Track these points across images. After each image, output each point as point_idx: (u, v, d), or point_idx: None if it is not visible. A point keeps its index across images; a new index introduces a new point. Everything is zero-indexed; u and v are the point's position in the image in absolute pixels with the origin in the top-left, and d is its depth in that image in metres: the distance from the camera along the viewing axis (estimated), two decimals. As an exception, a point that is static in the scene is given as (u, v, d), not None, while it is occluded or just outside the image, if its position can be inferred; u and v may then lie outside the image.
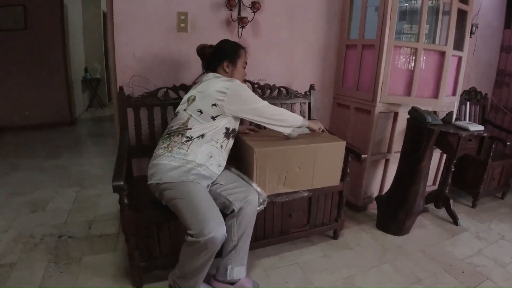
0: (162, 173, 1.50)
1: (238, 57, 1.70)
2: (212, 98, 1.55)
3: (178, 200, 1.46)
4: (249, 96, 1.63)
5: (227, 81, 1.59)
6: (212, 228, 1.35)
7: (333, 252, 2.06)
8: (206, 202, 1.46)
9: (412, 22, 3.02)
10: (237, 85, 1.59)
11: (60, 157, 3.53)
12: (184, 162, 1.51)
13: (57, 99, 4.68)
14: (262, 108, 1.64)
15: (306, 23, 2.39)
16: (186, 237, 1.39)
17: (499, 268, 2.00)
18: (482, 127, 2.27)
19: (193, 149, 1.54)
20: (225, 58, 1.67)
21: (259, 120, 1.66)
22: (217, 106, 1.56)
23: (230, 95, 1.55)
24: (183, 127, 1.56)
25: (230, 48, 1.70)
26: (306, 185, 1.85)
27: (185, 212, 1.42)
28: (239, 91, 1.59)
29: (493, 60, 3.43)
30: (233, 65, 1.69)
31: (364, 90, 2.35)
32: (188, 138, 1.55)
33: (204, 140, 1.56)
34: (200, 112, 1.56)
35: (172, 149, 1.53)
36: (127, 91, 1.95)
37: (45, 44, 4.42)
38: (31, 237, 2.04)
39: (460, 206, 2.79)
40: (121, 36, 1.92)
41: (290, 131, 1.74)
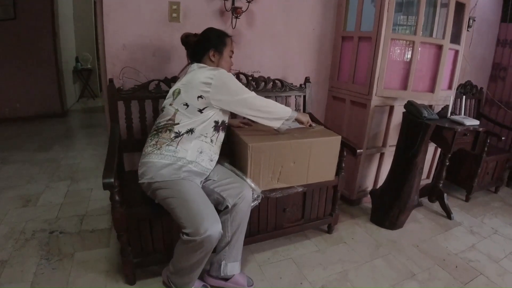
0: (153, 172, 1.46)
1: (224, 45, 1.63)
2: (197, 90, 1.49)
3: (171, 199, 1.43)
4: (235, 86, 1.56)
5: (212, 70, 1.53)
6: (207, 226, 1.33)
7: (327, 247, 2.05)
8: (200, 200, 1.43)
9: (408, 14, 2.97)
10: (223, 74, 1.53)
11: (51, 149, 3.47)
12: (175, 160, 1.48)
13: (47, 90, 4.57)
14: (249, 99, 1.58)
15: (302, 14, 2.34)
16: (182, 235, 1.37)
17: (493, 263, 2.01)
18: (478, 122, 2.26)
19: (183, 145, 1.50)
20: (210, 46, 1.60)
21: (246, 113, 1.59)
22: (203, 98, 1.49)
23: (215, 85, 1.49)
24: (170, 122, 1.51)
25: (215, 37, 1.63)
26: (301, 180, 1.82)
27: (179, 211, 1.39)
28: (224, 81, 1.52)
29: (488, 54, 3.41)
30: (219, 54, 1.62)
31: (360, 83, 2.32)
32: (177, 134, 1.50)
33: (194, 136, 1.52)
34: (186, 105, 1.50)
35: (161, 147, 1.49)
36: (117, 83, 1.90)
37: (35, 34, 4.30)
38: (22, 233, 2.01)
39: (453, 200, 2.80)
40: (110, 27, 1.86)
41: (280, 124, 1.68)
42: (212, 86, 1.48)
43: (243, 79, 2.11)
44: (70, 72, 5.41)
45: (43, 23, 4.32)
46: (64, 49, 4.91)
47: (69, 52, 5.38)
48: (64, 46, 4.92)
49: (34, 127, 4.26)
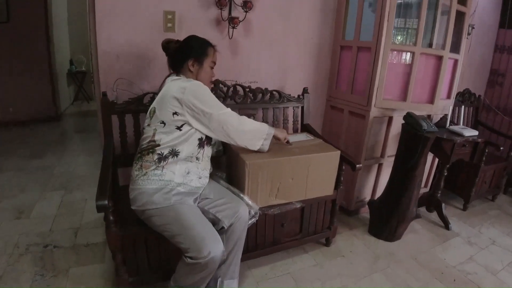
0: (143, 199, 1.41)
1: (206, 55, 1.53)
2: (170, 106, 1.40)
3: (168, 226, 1.39)
4: (209, 101, 1.44)
5: (184, 82, 1.44)
6: (210, 247, 1.31)
7: (326, 261, 2.03)
8: (197, 222, 1.39)
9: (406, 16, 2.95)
10: (195, 86, 1.42)
11: (44, 156, 3.41)
12: (162, 184, 1.42)
13: (41, 94, 4.49)
14: (224, 116, 1.47)
15: (300, 23, 2.31)
16: (185, 258, 1.34)
17: (490, 275, 2.00)
18: (476, 132, 2.25)
19: (169, 168, 1.43)
20: (190, 55, 1.51)
21: (220, 134, 1.49)
22: (179, 115, 1.41)
23: (187, 99, 1.39)
24: (152, 144, 1.44)
25: (197, 45, 1.53)
26: (299, 196, 1.80)
27: (179, 237, 1.36)
28: (196, 95, 1.41)
29: (486, 60, 3.40)
30: (199, 64, 1.52)
31: (358, 93, 2.29)
32: (160, 155, 1.43)
33: (179, 158, 1.45)
34: (163, 123, 1.43)
35: (147, 171, 1.43)
36: (111, 95, 1.85)
37: (28, 37, 4.22)
38: (16, 247, 1.96)
39: (451, 209, 2.79)
40: (103, 37, 1.81)
41: (260, 145, 1.60)
42: (183, 101, 1.39)
43: (240, 91, 2.08)
44: (64, 75, 5.33)
45: (36, 26, 4.24)
46: (58, 51, 4.83)
47: (63, 55, 5.30)
48: (58, 49, 4.84)
49: (27, 132, 4.19)
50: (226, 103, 2.03)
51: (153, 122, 1.46)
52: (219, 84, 2.00)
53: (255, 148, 1.60)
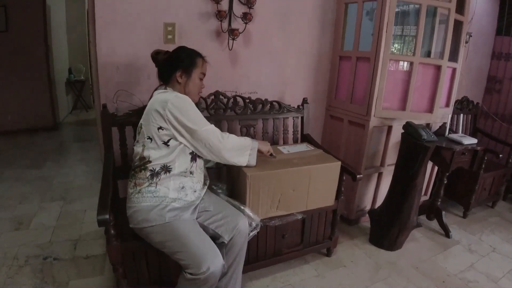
0: (139, 217, 1.40)
1: (194, 66, 1.50)
2: (154, 120, 1.38)
3: (166, 243, 1.38)
4: (192, 116, 1.40)
5: (167, 94, 1.41)
6: (209, 263, 1.30)
7: (327, 271, 2.02)
8: (195, 237, 1.38)
9: (403, 24, 2.97)
10: (178, 99, 1.39)
11: (43, 166, 3.40)
12: (157, 200, 1.39)
13: (40, 103, 4.49)
14: (206, 133, 1.43)
15: (299, 33, 2.32)
16: (184, 273, 1.34)
17: (491, 283, 2.00)
18: (476, 140, 2.26)
19: (163, 184, 1.41)
20: (179, 66, 1.47)
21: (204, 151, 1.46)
22: (164, 129, 1.39)
23: (169, 113, 1.36)
24: (143, 161, 1.42)
25: (185, 56, 1.50)
26: (300, 207, 1.80)
27: (178, 254, 1.35)
28: (179, 108, 1.37)
29: (484, 67, 3.43)
30: (187, 76, 1.48)
31: (358, 103, 2.30)
32: (152, 172, 1.41)
33: (172, 174, 1.43)
34: (150, 139, 1.41)
35: (140, 189, 1.41)
36: (111, 107, 1.85)
37: (27, 46, 4.22)
38: (16, 259, 1.95)
39: (451, 217, 2.79)
40: (103, 49, 1.81)
41: (246, 160, 1.58)
42: (165, 115, 1.36)
43: (240, 102, 2.08)
44: (63, 84, 5.32)
45: (35, 35, 4.24)
46: (57, 60, 4.84)
47: (62, 63, 5.30)
48: (57, 58, 4.85)
49: (25, 141, 4.18)
50: (226, 114, 2.04)
51: (140, 138, 1.45)
52: (219, 95, 2.01)
53: (243, 164, 1.58)
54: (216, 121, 2.01)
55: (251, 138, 1.72)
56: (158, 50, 1.55)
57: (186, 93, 1.49)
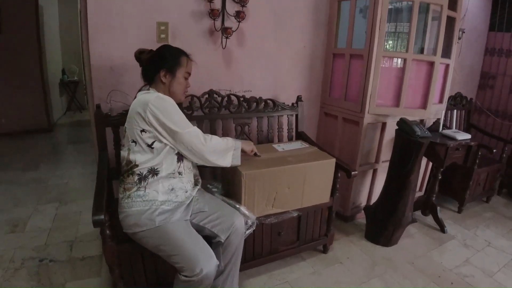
0: (129, 222, 1.38)
1: (179, 65, 1.45)
2: (136, 123, 1.36)
3: (160, 247, 1.38)
4: (174, 117, 1.37)
5: (148, 95, 1.37)
6: (202, 265, 1.30)
7: (323, 268, 2.03)
8: (187, 239, 1.37)
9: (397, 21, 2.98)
10: (160, 99, 1.35)
11: (38, 168, 3.37)
12: (147, 205, 1.38)
13: (33, 104, 4.45)
14: (188, 135, 1.39)
15: (293, 31, 2.32)
16: (179, 275, 1.34)
17: (487, 277, 2.02)
18: (469, 136, 2.27)
19: (151, 187, 1.40)
20: (162, 66, 1.43)
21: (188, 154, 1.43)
22: (146, 132, 1.36)
23: (151, 115, 1.33)
24: (130, 165, 1.40)
25: (169, 55, 1.46)
26: (296, 204, 1.80)
27: (172, 257, 1.35)
28: (161, 109, 1.34)
29: (477, 63, 3.45)
30: (171, 75, 1.44)
31: (352, 100, 2.31)
32: (140, 176, 1.39)
33: (160, 177, 1.41)
34: (134, 142, 1.39)
35: (129, 193, 1.39)
36: (105, 107, 1.84)
37: (20, 48, 4.19)
38: (12, 262, 1.94)
39: (446, 212, 2.81)
40: (96, 50, 1.80)
41: (230, 161, 1.55)
42: (146, 117, 1.33)
43: (234, 101, 2.08)
44: (57, 85, 5.28)
45: (28, 37, 4.20)
46: (50, 61, 4.80)
47: (55, 65, 5.26)
48: (50, 59, 4.81)
49: (20, 143, 4.14)
50: (221, 113, 2.03)
51: (125, 142, 1.43)
52: (213, 94, 2.01)
53: (227, 165, 1.55)
54: (211, 120, 2.01)
55: (235, 138, 1.70)
56: (141, 49, 1.50)
57: (170, 93, 1.46)
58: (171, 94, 1.46)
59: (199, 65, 2.04)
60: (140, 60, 1.50)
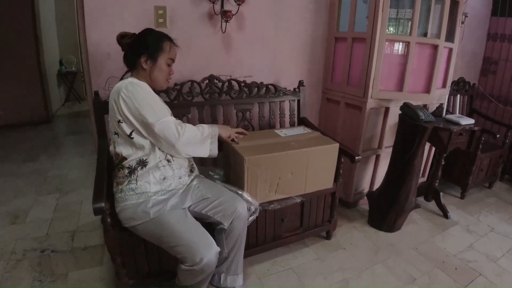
0: (126, 216, 1.36)
1: (161, 51, 1.37)
2: (112, 114, 1.31)
3: (159, 239, 1.36)
4: (147, 106, 1.28)
5: (122, 83, 1.32)
6: (203, 254, 1.28)
7: (327, 254, 2.02)
8: (185, 229, 1.34)
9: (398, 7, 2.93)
10: (132, 86, 1.29)
11: (37, 159, 3.35)
12: (140, 197, 1.35)
13: (31, 96, 4.39)
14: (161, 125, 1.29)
15: (293, 15, 2.27)
16: (181, 264, 1.33)
17: (491, 262, 2.01)
18: (473, 121, 2.25)
19: (142, 179, 1.36)
20: (143, 51, 1.35)
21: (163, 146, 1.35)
22: (123, 122, 1.30)
23: (123, 103, 1.27)
24: (118, 158, 1.37)
25: (151, 39, 1.37)
26: (299, 190, 1.78)
27: (173, 248, 1.33)
28: (132, 97, 1.27)
29: (479, 48, 3.40)
30: (152, 61, 1.37)
31: (354, 85, 2.27)
32: (129, 168, 1.36)
33: (148, 168, 1.37)
34: (116, 134, 1.35)
35: (122, 188, 1.37)
36: (103, 95, 1.80)
37: (16, 38, 4.11)
38: (13, 253, 1.92)
39: (449, 198, 2.80)
40: (93, 36, 1.76)
41: (208, 151, 1.46)
42: (120, 105, 1.27)
43: (235, 86, 2.05)
44: (54, 76, 5.22)
45: (24, 27, 4.12)
46: (47, 52, 4.73)
47: (53, 55, 5.18)
48: (47, 49, 4.74)
49: (19, 135, 4.11)
50: (221, 99, 2.00)
51: (110, 135, 1.40)
52: (213, 79, 1.97)
53: (205, 155, 1.46)
54: (211, 106, 1.98)
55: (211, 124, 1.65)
56: (123, 33, 1.41)
57: (152, 81, 1.40)
58: (152, 82, 1.40)
59: (198, 50, 2.03)
60: (121, 45, 1.42)
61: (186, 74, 1.99)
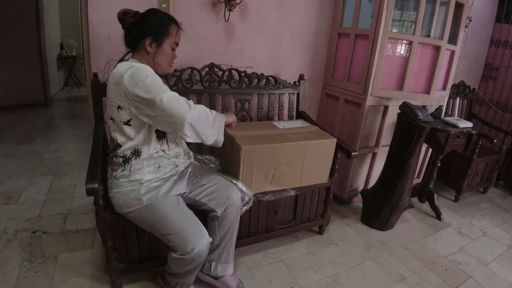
0: (118, 202, 1.34)
1: (167, 34, 1.30)
2: (113, 98, 1.24)
3: (152, 226, 1.35)
4: (149, 84, 1.18)
5: (123, 66, 1.23)
6: (194, 243, 1.27)
7: (318, 249, 2.02)
8: (177, 217, 1.32)
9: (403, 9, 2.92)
10: (135, 69, 1.20)
11: (33, 142, 3.33)
12: (133, 185, 1.33)
13: (30, 78, 4.38)
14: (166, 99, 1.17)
15: (297, 8, 2.26)
16: (171, 252, 1.33)
17: (481, 266, 2.01)
18: (471, 124, 2.24)
19: (136, 167, 1.34)
20: (148, 33, 1.27)
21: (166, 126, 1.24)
22: (123, 109, 1.23)
23: (126, 87, 1.18)
24: (114, 145, 1.33)
25: (157, 21, 1.28)
26: (294, 183, 1.78)
27: (165, 236, 1.33)
28: (135, 77, 1.18)
29: (481, 53, 3.40)
30: (157, 44, 1.29)
31: (355, 81, 2.26)
32: (124, 157, 1.32)
33: (143, 158, 1.33)
34: (112, 120, 1.29)
35: (115, 174, 1.34)
36: (102, 78, 1.79)
37: (18, 20, 4.09)
38: (4, 233, 1.92)
39: (442, 200, 2.81)
40: (94, 17, 1.74)
41: (215, 137, 1.34)
42: (122, 91, 1.19)
43: (235, 76, 2.03)
44: (54, 59, 5.19)
45: (26, 9, 4.10)
46: (48, 35, 4.71)
47: (54, 39, 5.15)
48: (48, 33, 4.71)
49: (16, 117, 4.08)
50: (221, 88, 1.99)
51: (107, 119, 1.35)
52: (213, 68, 1.96)
53: (211, 140, 1.33)
54: (210, 95, 1.97)
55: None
56: (126, 10, 1.30)
57: (155, 64, 1.33)
58: (155, 65, 1.33)
59: (200, 37, 2.02)
60: (123, 22, 1.31)
61: (186, 61, 1.97)
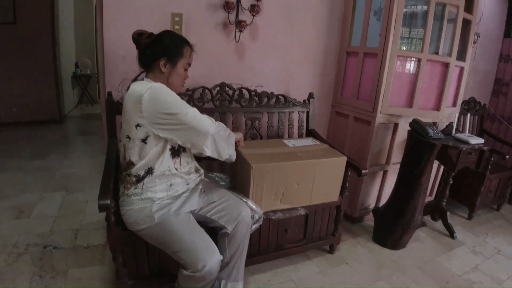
0: (130, 220, 1.36)
1: (181, 56, 1.37)
2: (132, 117, 1.28)
3: (163, 244, 1.37)
4: (172, 102, 1.26)
5: (142, 86, 1.27)
6: (205, 261, 1.28)
7: (329, 268, 2.00)
8: (189, 234, 1.33)
9: (411, 26, 2.95)
10: (155, 90, 1.25)
11: (47, 157, 3.39)
12: (145, 203, 1.35)
13: (45, 95, 4.49)
14: (191, 114, 1.27)
15: (306, 28, 2.31)
16: (182, 269, 1.33)
17: (496, 285, 1.97)
18: (483, 140, 2.22)
19: (148, 185, 1.35)
20: (163, 54, 1.33)
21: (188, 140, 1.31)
22: (141, 127, 1.27)
23: (147, 106, 1.23)
24: (127, 163, 1.35)
25: (171, 43, 1.35)
26: (304, 201, 1.78)
27: (176, 253, 1.34)
28: (157, 97, 1.24)
29: (490, 69, 3.40)
30: (172, 65, 1.35)
31: (364, 99, 2.28)
32: (137, 177, 1.34)
33: (155, 175, 1.35)
34: (128, 138, 1.32)
35: (127, 192, 1.36)
36: (116, 96, 1.84)
37: (35, 39, 4.23)
38: (15, 247, 1.94)
39: (456, 218, 2.76)
40: (110, 37, 1.80)
41: (229, 152, 1.43)
42: (144, 109, 1.23)
43: (245, 94, 2.07)
44: (69, 77, 5.33)
45: (43, 28, 4.25)
46: (64, 54, 4.84)
47: (69, 57, 5.31)
48: (64, 51, 4.85)
49: (30, 133, 4.18)
50: (231, 106, 2.02)
51: (122, 137, 1.38)
52: (224, 87, 2.00)
53: (226, 155, 1.42)
54: (221, 113, 2.00)
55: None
56: (140, 31, 1.36)
57: (168, 84, 1.37)
58: (169, 85, 1.37)
59: (211, 57, 2.07)
60: (138, 43, 1.37)
61: (198, 80, 2.02)
